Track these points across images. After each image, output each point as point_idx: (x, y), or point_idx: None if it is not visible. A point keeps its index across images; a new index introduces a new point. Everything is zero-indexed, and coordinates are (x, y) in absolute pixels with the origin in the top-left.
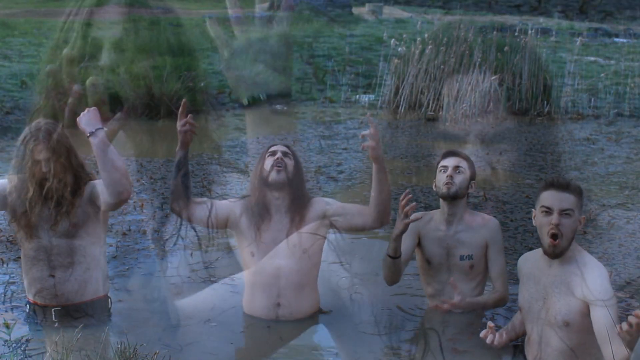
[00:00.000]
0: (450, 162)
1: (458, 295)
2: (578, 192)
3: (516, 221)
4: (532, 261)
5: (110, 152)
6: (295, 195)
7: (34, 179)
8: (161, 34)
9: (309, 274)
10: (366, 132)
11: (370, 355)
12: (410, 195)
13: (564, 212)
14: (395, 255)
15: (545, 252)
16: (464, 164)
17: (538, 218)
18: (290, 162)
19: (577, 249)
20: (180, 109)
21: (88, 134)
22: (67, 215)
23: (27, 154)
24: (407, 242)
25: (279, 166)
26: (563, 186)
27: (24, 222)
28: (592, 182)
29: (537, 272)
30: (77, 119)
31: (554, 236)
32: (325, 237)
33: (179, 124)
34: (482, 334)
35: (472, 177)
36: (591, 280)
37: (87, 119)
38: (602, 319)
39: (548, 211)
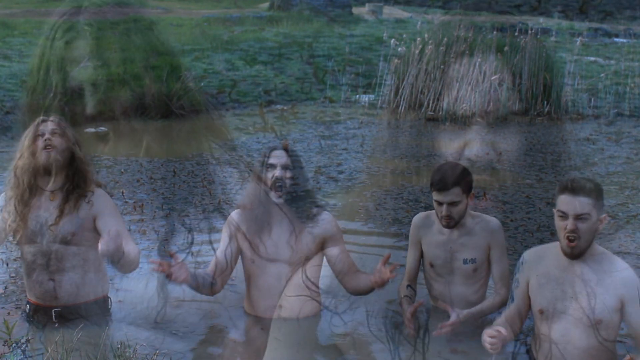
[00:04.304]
0: (444, 197)
1: (454, 312)
2: (596, 194)
3: (516, 221)
4: (548, 260)
5: (129, 262)
6: (298, 204)
7: (28, 171)
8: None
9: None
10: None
11: (371, 354)
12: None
13: (579, 217)
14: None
15: (564, 253)
16: (458, 195)
17: (556, 220)
18: (290, 177)
19: (598, 248)
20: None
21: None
22: (70, 214)
23: (30, 144)
24: (412, 256)
25: (278, 188)
26: (578, 190)
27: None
28: None
29: (559, 272)
30: (101, 245)
31: (570, 239)
32: (322, 252)
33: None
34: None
35: (469, 191)
36: (625, 278)
37: (109, 249)
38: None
39: (563, 216)
